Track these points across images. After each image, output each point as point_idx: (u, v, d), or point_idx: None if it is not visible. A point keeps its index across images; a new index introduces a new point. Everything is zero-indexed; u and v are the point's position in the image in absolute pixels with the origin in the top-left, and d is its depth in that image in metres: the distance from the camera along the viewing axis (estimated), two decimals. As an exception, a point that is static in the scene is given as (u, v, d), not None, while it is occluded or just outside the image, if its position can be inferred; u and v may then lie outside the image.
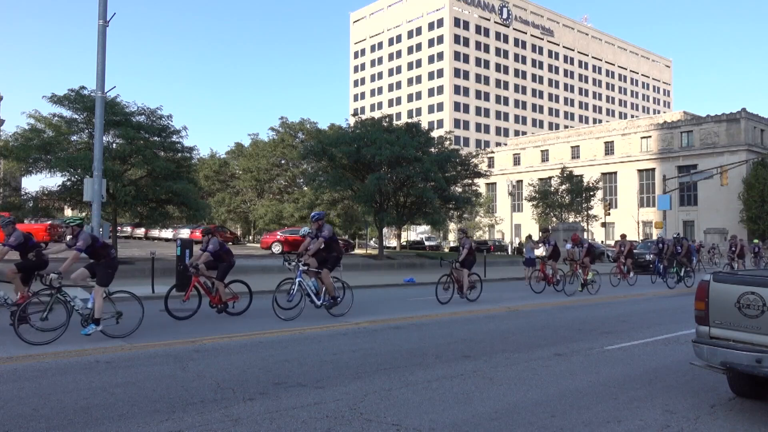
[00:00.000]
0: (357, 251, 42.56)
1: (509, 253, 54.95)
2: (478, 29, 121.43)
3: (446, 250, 56.78)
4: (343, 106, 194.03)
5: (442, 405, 5.68)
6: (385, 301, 15.50)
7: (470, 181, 38.43)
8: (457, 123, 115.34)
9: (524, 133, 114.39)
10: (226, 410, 5.40)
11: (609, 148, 72.55)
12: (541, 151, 79.79)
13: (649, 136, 68.94)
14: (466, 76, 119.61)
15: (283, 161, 48.93)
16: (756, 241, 30.61)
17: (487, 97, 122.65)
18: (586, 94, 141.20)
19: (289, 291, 11.57)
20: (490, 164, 76.61)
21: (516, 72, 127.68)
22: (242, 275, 14.22)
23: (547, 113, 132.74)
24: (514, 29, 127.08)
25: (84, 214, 27.44)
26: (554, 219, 52.10)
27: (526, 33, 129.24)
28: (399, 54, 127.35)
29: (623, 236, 23.26)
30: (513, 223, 64.02)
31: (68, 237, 9.49)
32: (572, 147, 76.37)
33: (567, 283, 17.78)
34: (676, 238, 23.19)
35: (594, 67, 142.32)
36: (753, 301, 5.37)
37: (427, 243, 59.72)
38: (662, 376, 7.05)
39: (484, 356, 8.08)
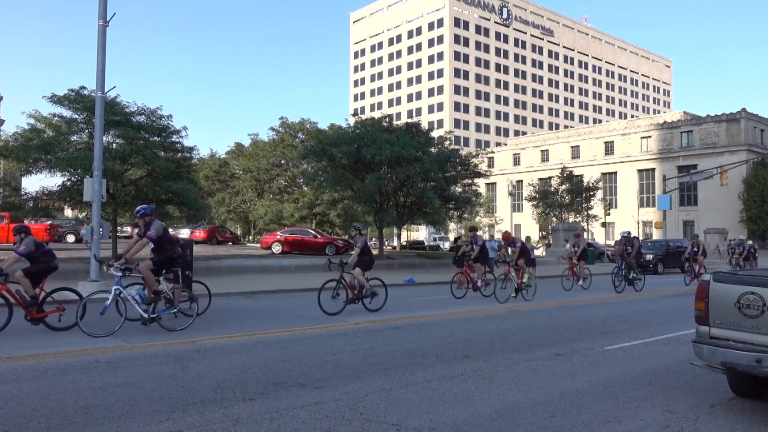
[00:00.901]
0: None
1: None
2: (478, 29, 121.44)
3: (446, 249, 56.75)
4: (343, 106, 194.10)
5: (442, 405, 5.68)
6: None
7: (470, 181, 38.40)
8: (457, 123, 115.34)
9: (524, 133, 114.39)
10: (226, 410, 5.39)
11: (609, 148, 72.57)
12: (541, 151, 79.79)
13: (649, 136, 68.95)
14: (466, 76, 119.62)
15: (283, 161, 48.91)
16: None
17: (487, 97, 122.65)
18: (586, 94, 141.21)
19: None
20: (490, 164, 76.61)
21: (516, 72, 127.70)
22: (242, 275, 14.24)
23: (547, 113, 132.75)
24: (514, 29, 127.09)
25: (84, 214, 27.46)
26: (554, 219, 52.13)
27: (526, 33, 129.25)
28: (399, 54, 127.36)
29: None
30: (513, 223, 64.04)
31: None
32: (572, 147, 76.37)
33: (499, 287, 15.44)
34: (626, 237, 20.27)
35: (594, 67, 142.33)
36: (753, 301, 5.37)
37: (437, 243, 59.34)
38: (662, 376, 7.05)
39: (484, 356, 8.07)
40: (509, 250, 18.85)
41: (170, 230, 45.14)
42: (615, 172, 71.36)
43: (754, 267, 27.78)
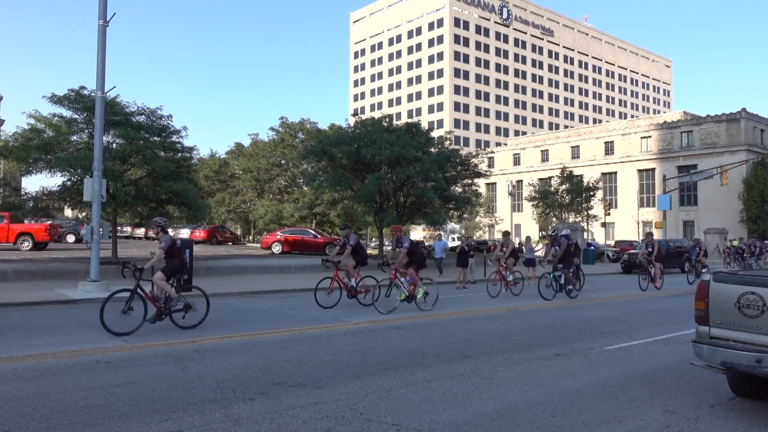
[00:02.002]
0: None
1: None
2: (478, 29, 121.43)
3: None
4: (343, 106, 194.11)
5: (442, 405, 5.68)
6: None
7: (470, 181, 38.39)
8: (457, 123, 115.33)
9: (524, 133, 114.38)
10: (226, 410, 5.40)
11: (609, 148, 72.54)
12: (541, 151, 79.77)
13: (649, 136, 68.93)
14: (466, 76, 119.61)
15: (283, 161, 48.91)
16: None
17: (487, 97, 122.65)
18: (586, 94, 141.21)
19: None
20: (490, 164, 76.59)
21: (516, 72, 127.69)
22: (242, 275, 14.22)
23: (547, 113, 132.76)
24: (514, 29, 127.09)
25: (84, 214, 27.46)
26: (554, 219, 52.11)
27: (526, 33, 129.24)
28: (399, 54, 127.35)
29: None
30: (513, 223, 64.03)
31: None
32: (572, 147, 76.35)
33: (383, 295, 12.89)
34: (552, 235, 17.75)
35: (594, 67, 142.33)
36: (753, 301, 5.37)
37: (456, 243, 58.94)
38: (662, 376, 7.05)
39: (484, 356, 8.07)
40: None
41: (170, 230, 45.29)
42: (615, 172, 71.33)
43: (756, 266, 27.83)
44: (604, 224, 55.95)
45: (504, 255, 17.53)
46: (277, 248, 32.37)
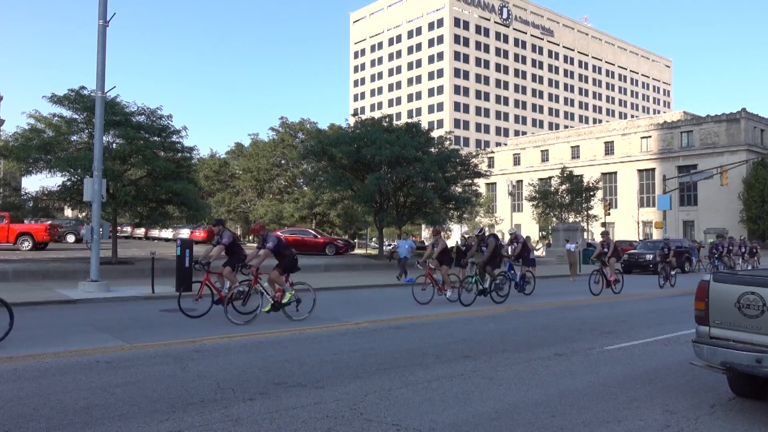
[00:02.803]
0: (357, 251, 42.53)
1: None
2: (478, 29, 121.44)
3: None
4: (343, 106, 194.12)
5: (442, 405, 5.68)
6: (385, 301, 15.49)
7: (470, 181, 38.37)
8: (457, 123, 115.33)
9: (524, 133, 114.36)
10: (226, 410, 5.40)
11: (609, 148, 72.54)
12: (541, 151, 79.77)
13: (649, 136, 68.93)
14: (466, 76, 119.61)
15: (283, 161, 48.92)
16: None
17: (487, 97, 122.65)
18: (586, 94, 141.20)
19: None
20: (490, 164, 76.58)
21: (516, 72, 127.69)
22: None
23: (547, 113, 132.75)
24: (514, 29, 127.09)
25: (84, 214, 27.44)
26: (554, 219, 52.12)
27: (526, 33, 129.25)
28: (399, 54, 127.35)
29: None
30: (513, 223, 64.04)
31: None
32: (572, 147, 76.35)
33: (240, 304, 11.32)
34: (479, 235, 17.03)
35: (594, 67, 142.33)
36: (753, 301, 5.37)
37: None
38: (662, 376, 7.05)
39: (484, 356, 8.07)
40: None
41: (170, 230, 44.99)
42: (615, 172, 71.33)
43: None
44: (604, 224, 55.87)
45: (434, 255, 15.58)
46: (277, 248, 32.31)
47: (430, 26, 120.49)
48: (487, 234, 16.56)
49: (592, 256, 19.55)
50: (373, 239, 55.65)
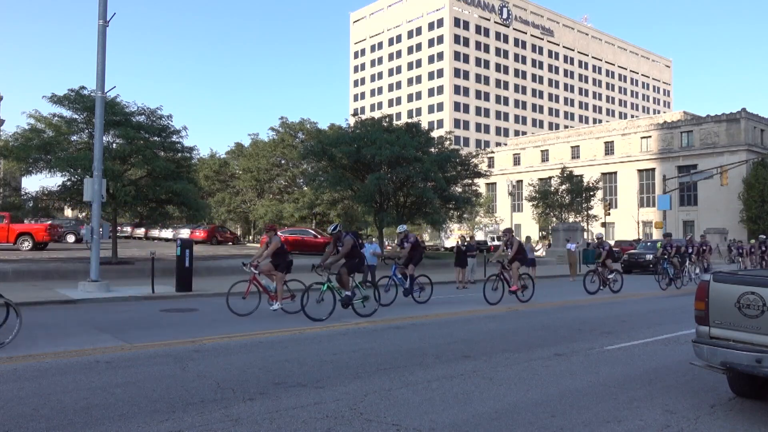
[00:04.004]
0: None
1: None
2: (478, 29, 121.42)
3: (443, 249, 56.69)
4: (343, 106, 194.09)
5: (442, 405, 5.68)
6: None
7: (470, 181, 38.40)
8: (457, 123, 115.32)
9: (524, 133, 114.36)
10: (226, 410, 5.40)
11: (609, 148, 72.54)
12: (541, 151, 79.77)
13: (649, 136, 68.93)
14: (466, 76, 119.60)
15: (283, 161, 48.94)
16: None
17: (487, 97, 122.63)
18: (586, 94, 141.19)
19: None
20: (490, 164, 76.56)
21: (516, 72, 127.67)
22: (242, 275, 14.19)
23: (547, 113, 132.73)
24: (514, 29, 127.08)
25: (84, 214, 27.43)
26: (554, 219, 52.13)
27: (526, 33, 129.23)
28: (399, 54, 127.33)
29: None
30: (513, 223, 64.05)
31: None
32: (572, 147, 76.35)
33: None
34: (401, 233, 16.07)
35: (594, 67, 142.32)
36: (753, 301, 5.37)
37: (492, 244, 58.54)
38: (662, 376, 7.05)
39: (484, 356, 8.07)
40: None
41: (170, 230, 45.01)
42: (615, 172, 71.33)
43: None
44: (604, 224, 55.99)
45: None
46: (277, 248, 32.31)
47: (430, 26, 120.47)
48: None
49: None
50: (373, 239, 55.54)
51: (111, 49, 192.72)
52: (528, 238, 25.26)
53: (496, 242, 65.27)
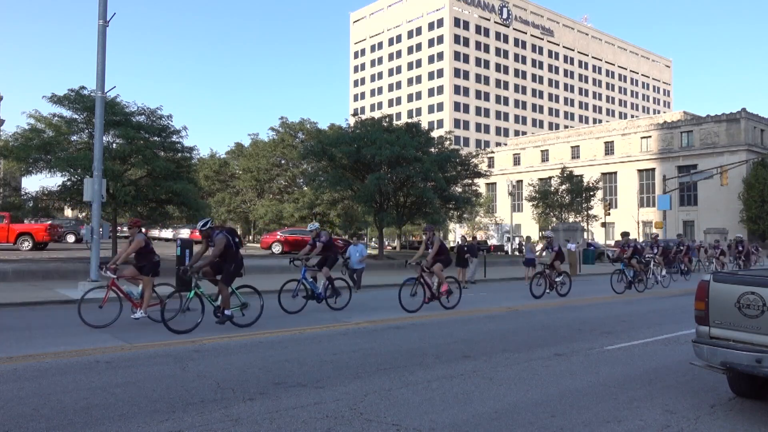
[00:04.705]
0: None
1: (509, 252, 55.03)
2: (478, 29, 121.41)
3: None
4: (343, 106, 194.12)
5: (442, 405, 5.68)
6: (385, 301, 15.47)
7: (470, 181, 38.42)
8: (457, 123, 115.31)
9: (524, 133, 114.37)
10: (226, 410, 5.39)
11: (609, 148, 72.55)
12: (541, 151, 79.77)
13: (649, 136, 68.93)
14: (466, 76, 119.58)
15: (283, 161, 48.93)
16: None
17: (487, 97, 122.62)
18: (586, 94, 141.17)
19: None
20: (490, 164, 76.57)
21: (516, 72, 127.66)
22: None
23: (547, 113, 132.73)
24: (514, 29, 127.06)
25: (84, 214, 27.41)
26: (554, 219, 52.11)
27: (526, 33, 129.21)
28: (399, 54, 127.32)
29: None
30: (513, 223, 64.01)
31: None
32: (572, 147, 76.36)
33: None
34: (313, 230, 13.55)
35: (594, 67, 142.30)
36: (753, 301, 5.37)
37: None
38: (662, 376, 7.05)
39: (484, 356, 8.07)
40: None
41: (170, 230, 44.89)
42: (615, 172, 71.34)
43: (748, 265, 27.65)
44: (604, 224, 55.95)
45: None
46: (277, 248, 32.36)
47: (430, 26, 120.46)
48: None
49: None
50: (373, 239, 55.61)
51: (111, 49, 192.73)
52: (528, 238, 25.22)
53: (494, 242, 65.30)
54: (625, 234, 19.76)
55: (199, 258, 10.26)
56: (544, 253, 17.74)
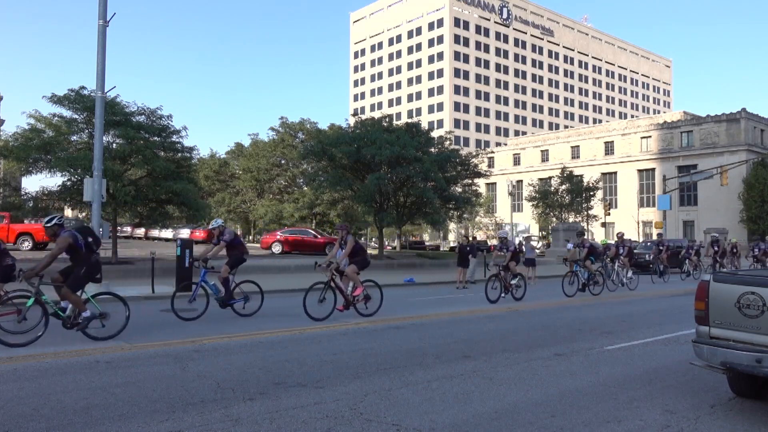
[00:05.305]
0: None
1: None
2: (478, 29, 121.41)
3: (447, 248, 56.75)
4: (343, 106, 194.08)
5: (442, 405, 5.68)
6: (385, 301, 15.46)
7: (470, 181, 38.42)
8: (457, 123, 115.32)
9: (524, 133, 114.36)
10: (226, 410, 5.40)
11: (609, 148, 72.55)
12: (541, 151, 79.77)
13: (649, 136, 68.93)
14: (466, 76, 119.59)
15: (283, 161, 48.94)
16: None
17: (487, 97, 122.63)
18: (586, 94, 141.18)
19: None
20: (490, 164, 76.57)
21: (516, 72, 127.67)
22: (241, 275, 14.18)
23: (547, 113, 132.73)
24: (514, 29, 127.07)
25: (84, 214, 27.42)
26: (554, 219, 52.13)
27: (526, 33, 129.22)
28: (399, 54, 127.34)
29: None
30: (513, 223, 64.03)
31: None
32: (572, 147, 76.36)
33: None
34: (213, 229, 12.64)
35: (594, 67, 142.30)
36: (753, 301, 5.37)
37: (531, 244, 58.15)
38: (662, 376, 7.05)
39: (484, 356, 8.07)
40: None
41: (170, 230, 44.93)
42: (615, 172, 71.33)
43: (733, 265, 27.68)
44: (604, 224, 55.98)
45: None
46: (277, 248, 32.36)
47: (430, 26, 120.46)
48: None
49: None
50: (373, 239, 55.64)
51: (111, 49, 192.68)
52: (528, 238, 25.23)
53: (494, 242, 65.32)
54: (581, 234, 19.55)
55: (50, 259, 8.72)
56: (500, 253, 16.75)
